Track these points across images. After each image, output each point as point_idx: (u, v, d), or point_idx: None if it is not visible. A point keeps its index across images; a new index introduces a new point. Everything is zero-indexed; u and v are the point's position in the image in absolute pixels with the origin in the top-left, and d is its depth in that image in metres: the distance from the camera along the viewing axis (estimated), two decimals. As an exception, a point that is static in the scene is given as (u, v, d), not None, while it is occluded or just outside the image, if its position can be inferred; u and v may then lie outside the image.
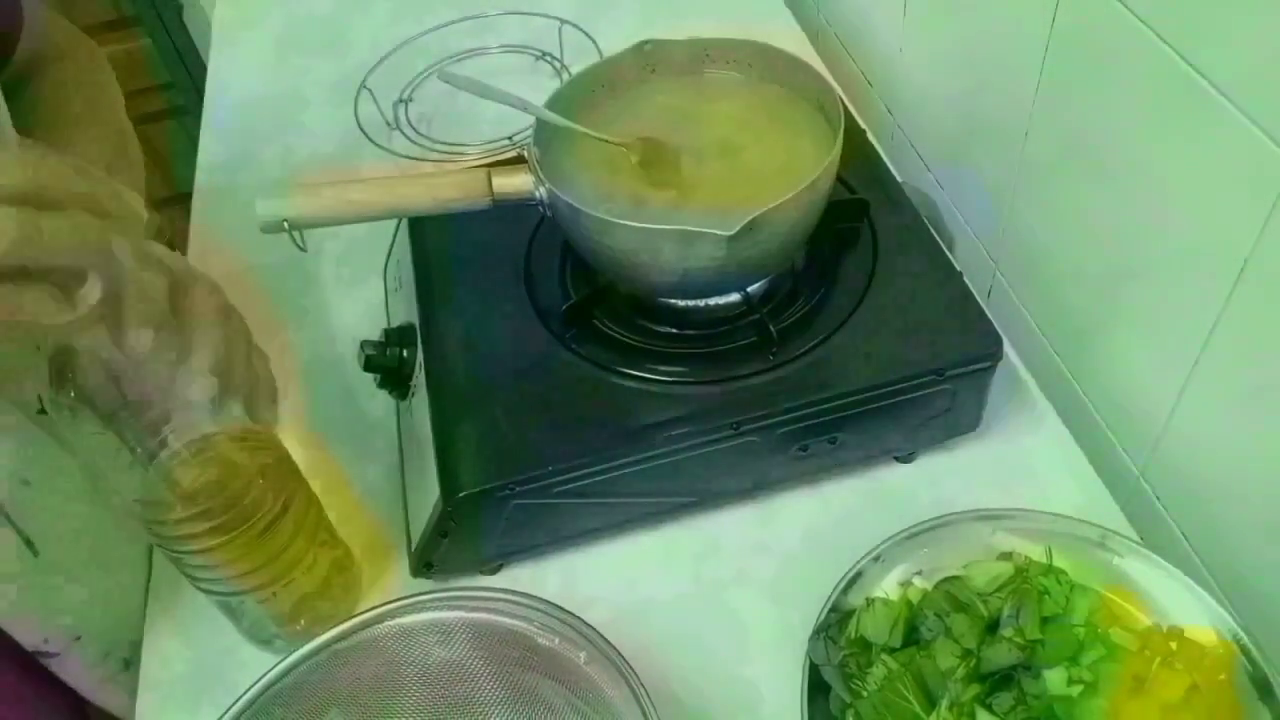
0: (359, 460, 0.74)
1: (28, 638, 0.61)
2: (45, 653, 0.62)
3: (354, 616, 0.54)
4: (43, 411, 0.58)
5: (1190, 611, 0.57)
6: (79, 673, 0.64)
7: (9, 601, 0.59)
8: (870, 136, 0.85)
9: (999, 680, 0.55)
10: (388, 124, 0.99)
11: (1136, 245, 0.63)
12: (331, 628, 0.54)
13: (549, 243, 0.73)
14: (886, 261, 0.70)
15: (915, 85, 0.91)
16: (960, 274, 0.69)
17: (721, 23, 0.73)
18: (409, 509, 0.67)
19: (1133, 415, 0.69)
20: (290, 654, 0.53)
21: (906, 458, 0.71)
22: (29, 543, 0.60)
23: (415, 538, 0.65)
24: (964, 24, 0.79)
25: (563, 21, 1.07)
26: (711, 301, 0.67)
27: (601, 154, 0.68)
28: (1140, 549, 0.60)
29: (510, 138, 0.95)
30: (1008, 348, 0.67)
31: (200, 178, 0.99)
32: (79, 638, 0.63)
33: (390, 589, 0.58)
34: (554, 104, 0.68)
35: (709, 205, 0.65)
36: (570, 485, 0.62)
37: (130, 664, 0.66)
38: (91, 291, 0.41)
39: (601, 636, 0.52)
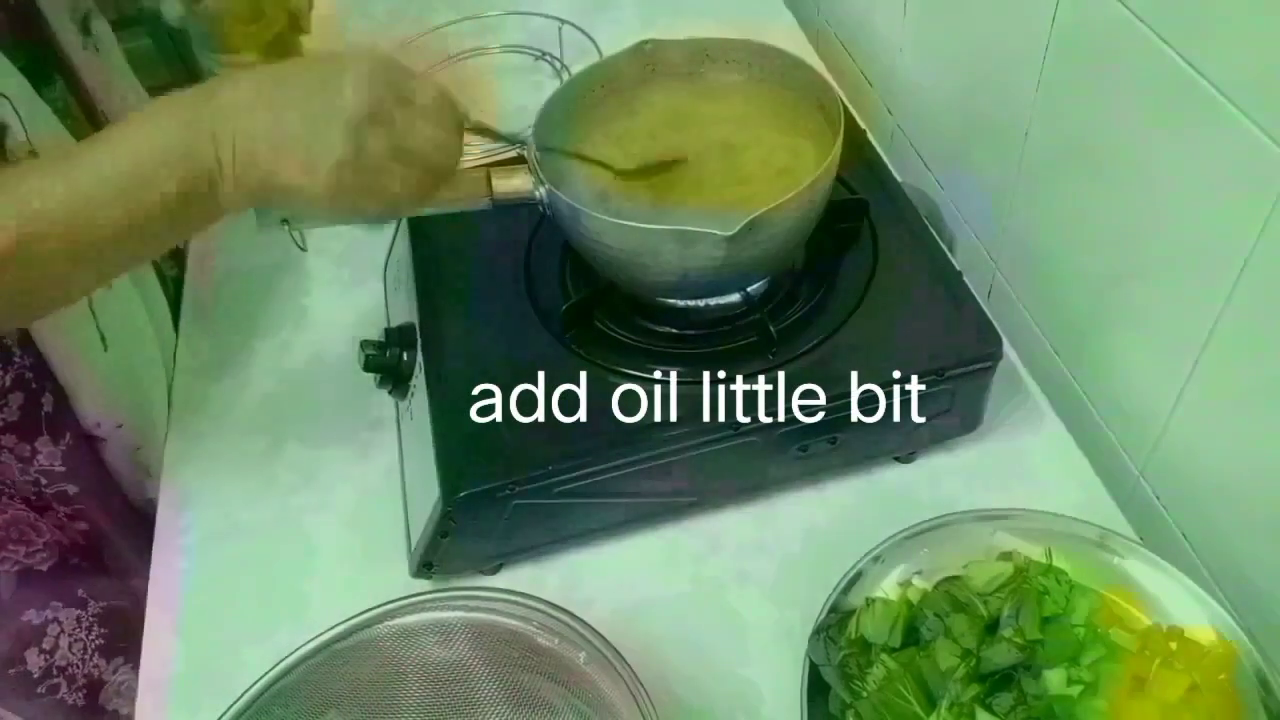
0: (359, 460, 0.74)
1: (87, 419, 0.72)
2: (97, 436, 0.73)
3: (354, 617, 0.54)
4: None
5: (1190, 611, 0.57)
6: (116, 458, 0.75)
7: (82, 385, 0.70)
8: (870, 136, 0.85)
9: (999, 680, 0.55)
10: (388, 124, 0.99)
11: (1136, 245, 0.63)
12: (331, 628, 0.54)
13: (549, 243, 0.73)
14: (886, 261, 0.69)
15: (915, 85, 0.91)
16: (960, 274, 0.69)
17: (721, 23, 0.73)
18: (409, 509, 0.67)
19: (1133, 415, 0.69)
20: (290, 654, 0.53)
21: (906, 458, 0.71)
22: (103, 337, 0.71)
23: (415, 538, 0.65)
24: (964, 24, 0.79)
25: (563, 21, 1.07)
26: (711, 301, 0.67)
27: (601, 153, 0.68)
28: (1140, 549, 0.60)
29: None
30: (1008, 348, 0.67)
31: (200, 178, 0.99)
32: (120, 426, 0.74)
33: (390, 589, 0.58)
34: (554, 104, 0.68)
35: (709, 205, 0.65)
36: (570, 485, 0.62)
37: (150, 474, 0.77)
38: None
39: (601, 636, 0.52)
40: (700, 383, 0.64)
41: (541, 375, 0.65)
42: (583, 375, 0.65)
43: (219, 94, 0.51)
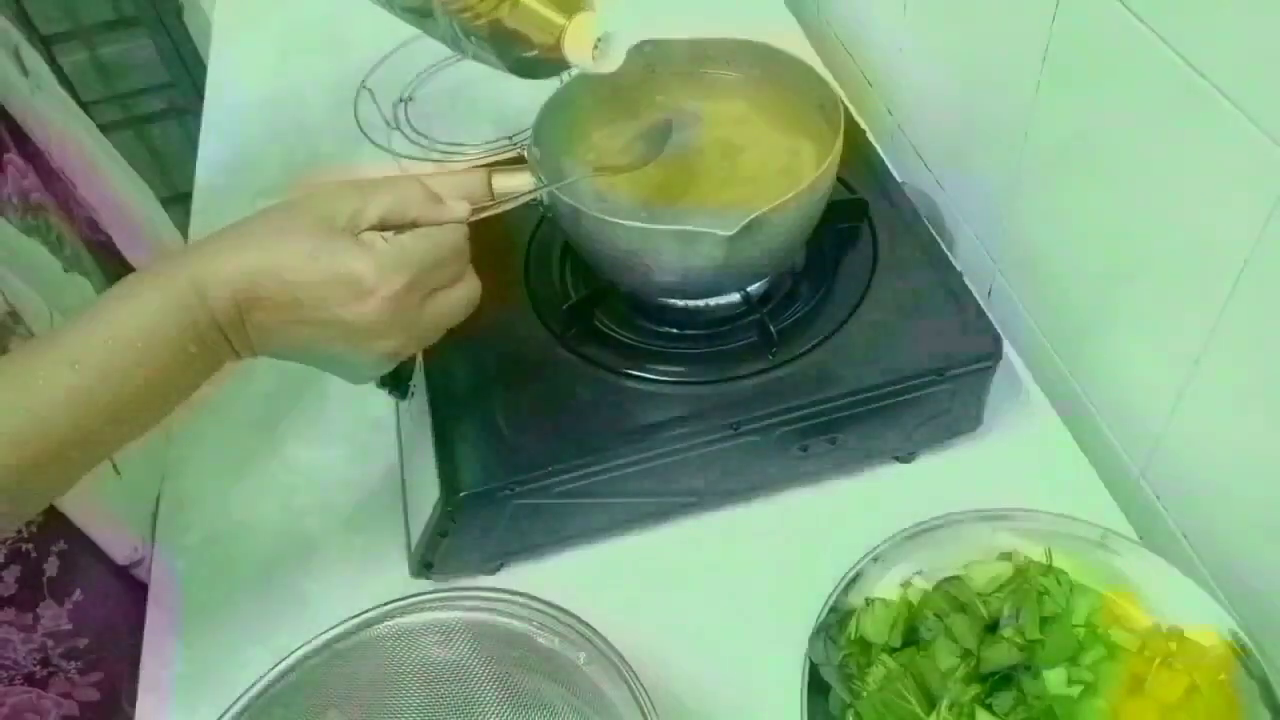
0: (359, 460, 0.74)
1: (122, 550, 0.68)
2: (135, 561, 0.70)
3: (354, 617, 0.54)
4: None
5: (1190, 611, 0.57)
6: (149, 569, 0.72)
7: (103, 524, 0.66)
8: (870, 136, 0.85)
9: (999, 680, 0.55)
10: (388, 124, 0.99)
11: (1136, 245, 0.63)
12: (331, 628, 0.54)
13: (549, 243, 0.73)
14: (886, 261, 0.69)
15: (915, 85, 0.91)
16: (960, 274, 0.69)
17: (721, 23, 0.73)
18: (409, 509, 0.67)
19: (1133, 415, 0.68)
20: (290, 654, 0.53)
21: (906, 458, 0.71)
22: (114, 466, 0.68)
23: (415, 538, 0.65)
24: (964, 24, 0.79)
25: (563, 21, 1.06)
26: (712, 301, 0.67)
27: (601, 154, 0.68)
28: (1140, 549, 0.60)
29: (510, 138, 0.95)
30: (1008, 348, 0.67)
31: (200, 178, 0.99)
32: (144, 539, 0.71)
33: (390, 589, 0.58)
34: (554, 104, 0.68)
35: (709, 205, 0.65)
36: (570, 485, 0.62)
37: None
38: None
39: (601, 637, 0.52)
40: (700, 383, 0.64)
41: (541, 375, 0.65)
42: (583, 375, 0.65)
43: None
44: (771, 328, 0.65)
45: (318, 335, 0.51)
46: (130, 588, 0.70)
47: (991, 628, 0.56)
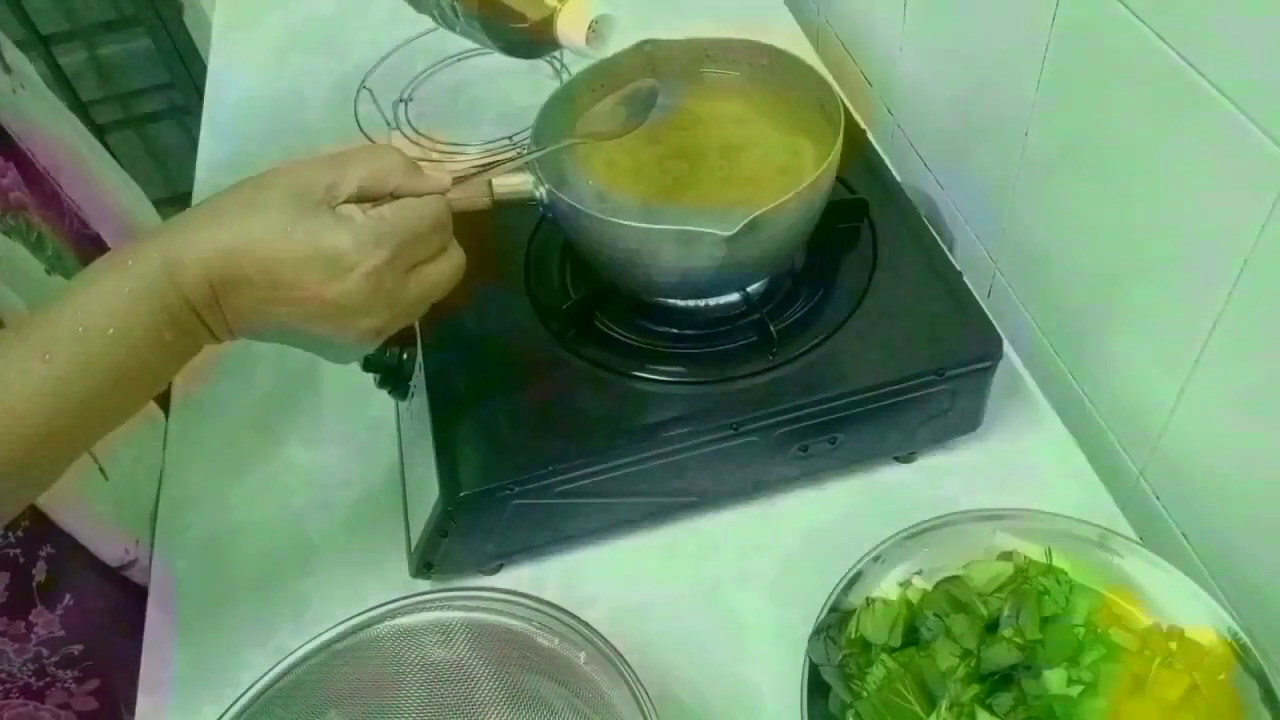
0: (359, 460, 0.74)
1: (113, 552, 0.67)
2: (127, 563, 0.69)
3: (354, 616, 0.54)
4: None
5: (1190, 611, 0.57)
6: (143, 571, 0.71)
7: (91, 527, 0.65)
8: (870, 136, 0.85)
9: (999, 680, 0.54)
10: (388, 124, 0.99)
11: (1136, 245, 0.63)
12: (331, 628, 0.54)
13: (549, 243, 0.73)
14: (886, 261, 0.69)
15: (915, 85, 0.91)
16: (960, 274, 0.69)
17: (721, 23, 0.73)
18: (409, 509, 0.67)
19: (1133, 415, 0.69)
20: (290, 654, 0.53)
21: (906, 458, 0.71)
22: (101, 469, 0.67)
23: (415, 538, 0.65)
24: (964, 24, 0.79)
25: (563, 21, 1.06)
26: (711, 301, 0.67)
27: (601, 153, 0.68)
28: (1140, 549, 0.60)
29: (510, 138, 0.95)
30: (1008, 348, 0.67)
31: (200, 178, 0.99)
32: (138, 542, 0.71)
33: (390, 589, 0.58)
34: (554, 104, 0.68)
35: (709, 205, 0.65)
36: (570, 485, 0.62)
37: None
38: None
39: (601, 636, 0.52)
40: (700, 383, 0.64)
41: (541, 375, 0.65)
42: (582, 375, 0.65)
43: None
44: (771, 328, 0.65)
45: (297, 314, 0.49)
46: (123, 590, 0.70)
47: (991, 628, 0.56)
